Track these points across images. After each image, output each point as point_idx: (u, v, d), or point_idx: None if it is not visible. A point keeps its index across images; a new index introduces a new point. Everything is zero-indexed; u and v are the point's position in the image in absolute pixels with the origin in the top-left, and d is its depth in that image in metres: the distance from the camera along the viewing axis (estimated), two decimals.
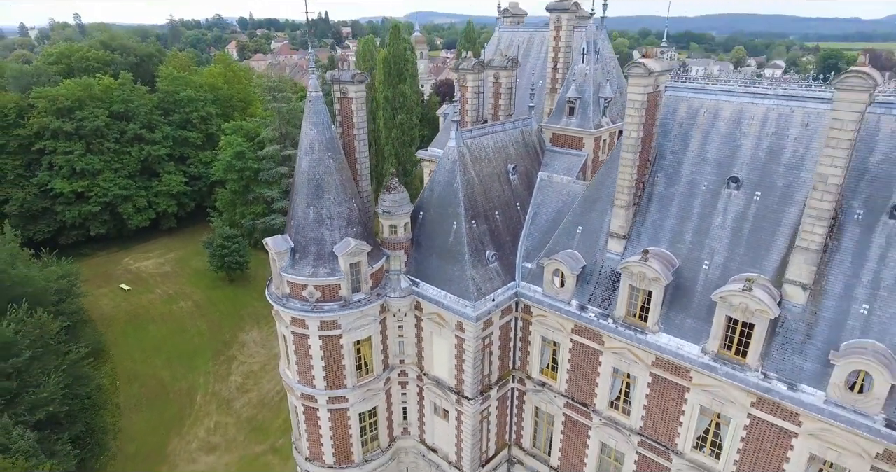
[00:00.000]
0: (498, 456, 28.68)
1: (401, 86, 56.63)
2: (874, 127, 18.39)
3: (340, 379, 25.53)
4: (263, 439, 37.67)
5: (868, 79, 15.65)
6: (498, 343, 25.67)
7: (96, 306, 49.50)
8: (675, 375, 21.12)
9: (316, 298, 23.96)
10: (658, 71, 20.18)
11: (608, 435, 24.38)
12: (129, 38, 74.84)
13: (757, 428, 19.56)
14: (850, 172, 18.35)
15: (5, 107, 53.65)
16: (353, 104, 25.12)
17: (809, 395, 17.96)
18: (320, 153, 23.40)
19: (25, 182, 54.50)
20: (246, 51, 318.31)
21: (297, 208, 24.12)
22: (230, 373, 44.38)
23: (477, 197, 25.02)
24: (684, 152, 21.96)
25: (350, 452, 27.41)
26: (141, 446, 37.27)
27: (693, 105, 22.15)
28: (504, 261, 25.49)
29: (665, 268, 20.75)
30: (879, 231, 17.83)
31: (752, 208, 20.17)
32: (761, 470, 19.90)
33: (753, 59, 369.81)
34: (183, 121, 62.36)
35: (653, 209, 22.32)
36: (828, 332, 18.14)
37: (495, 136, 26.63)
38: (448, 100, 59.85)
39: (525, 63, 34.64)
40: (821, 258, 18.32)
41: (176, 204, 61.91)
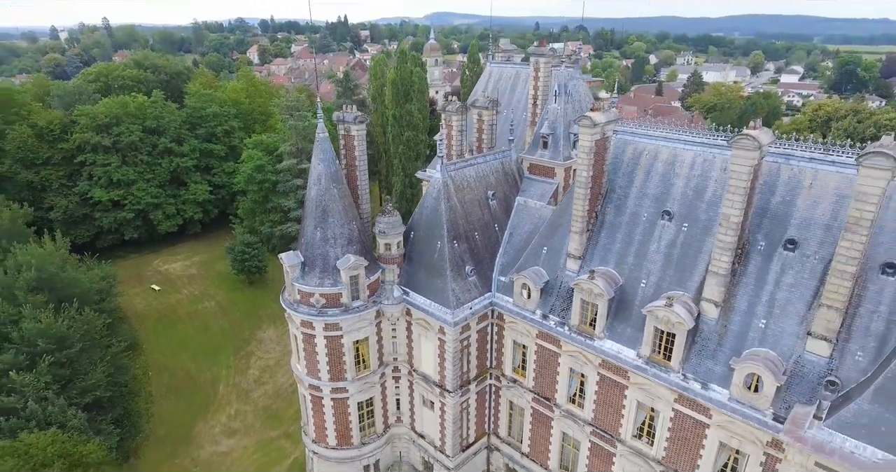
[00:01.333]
0: (477, 443, 32.96)
1: (407, 105, 61.13)
2: (776, 173, 22.31)
3: (342, 373, 30.08)
4: (277, 425, 42.42)
5: (755, 141, 19.63)
6: (475, 345, 29.96)
7: (131, 305, 54.95)
8: (617, 374, 25.22)
9: (321, 304, 28.54)
10: (603, 122, 24.26)
11: (567, 425, 28.54)
12: (159, 57, 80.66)
13: (679, 420, 23.58)
14: (755, 211, 22.34)
15: (51, 123, 59.43)
16: (355, 140, 29.66)
17: (717, 393, 21.94)
18: (326, 184, 27.97)
19: (68, 191, 60.18)
20: (267, 55, 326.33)
21: (306, 229, 28.74)
22: (249, 367, 49.27)
23: (459, 220, 29.33)
24: (630, 188, 26.02)
25: (350, 435, 31.96)
26: (170, 429, 42.27)
27: (638, 148, 26.20)
28: (482, 275, 29.78)
29: (609, 285, 24.87)
30: (776, 260, 21.75)
31: (681, 237, 24.18)
32: (684, 456, 23.91)
33: (772, 64, 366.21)
34: (208, 134, 67.62)
35: (603, 235, 26.42)
36: (734, 341, 22.10)
37: (477, 167, 30.92)
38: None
39: (512, 96, 38.77)
40: (730, 281, 22.29)
41: (201, 211, 67.17)
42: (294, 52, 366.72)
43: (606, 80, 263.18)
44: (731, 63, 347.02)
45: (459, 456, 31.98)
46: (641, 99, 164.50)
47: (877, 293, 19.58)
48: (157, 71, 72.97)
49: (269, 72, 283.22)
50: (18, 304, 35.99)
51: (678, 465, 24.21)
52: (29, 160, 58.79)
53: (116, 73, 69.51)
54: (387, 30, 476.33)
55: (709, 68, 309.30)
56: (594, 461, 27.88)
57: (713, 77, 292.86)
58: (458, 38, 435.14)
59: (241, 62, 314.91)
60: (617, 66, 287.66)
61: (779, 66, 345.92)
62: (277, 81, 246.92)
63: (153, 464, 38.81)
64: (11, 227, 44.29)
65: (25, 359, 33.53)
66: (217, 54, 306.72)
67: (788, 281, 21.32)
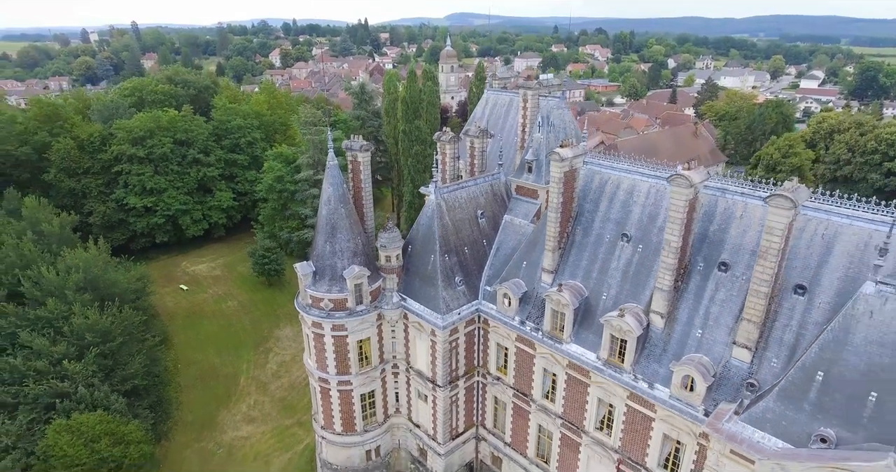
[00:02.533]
0: (466, 433, 37.06)
1: (416, 121, 65.49)
2: (713, 205, 26.02)
3: (347, 368, 34.43)
4: (292, 414, 47.00)
5: (687, 180, 23.40)
6: (463, 346, 34.06)
7: (162, 303, 60.21)
8: (581, 374, 29.12)
9: (329, 308, 32.93)
10: (571, 156, 28.15)
11: (542, 418, 32.49)
12: (188, 73, 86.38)
13: (631, 414, 27.39)
14: (698, 236, 26.09)
15: (92, 136, 65.12)
16: (361, 166, 33.97)
17: (661, 391, 25.72)
18: (335, 204, 32.35)
19: (106, 198, 65.79)
20: (289, 58, 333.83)
21: (318, 243, 33.18)
22: (267, 362, 54.04)
23: (450, 237, 33.46)
24: (596, 212, 29.90)
25: (353, 423, 36.30)
26: (197, 416, 47.14)
27: (604, 178, 30.06)
28: (470, 284, 33.87)
29: (574, 297, 28.79)
30: (711, 279, 25.48)
31: (636, 257, 27.99)
32: (636, 445, 27.72)
33: (794, 68, 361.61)
34: (233, 145, 72.80)
35: (573, 253, 30.33)
36: (675, 348, 25.87)
37: (468, 189, 35.03)
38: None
39: (506, 121, 42.72)
40: (673, 296, 26.08)
41: (225, 216, 72.39)
42: (315, 55, 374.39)
43: (623, 84, 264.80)
44: (751, 67, 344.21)
45: (449, 444, 36.12)
46: (653, 107, 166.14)
47: (789, 310, 23.21)
48: (186, 86, 78.62)
49: (291, 75, 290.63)
50: (68, 302, 41.15)
51: (632, 453, 28.04)
52: (71, 170, 64.56)
53: (150, 88, 75.25)
54: (406, 33, 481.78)
55: (727, 73, 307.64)
56: (564, 450, 31.81)
57: (731, 82, 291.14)
58: (477, 41, 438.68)
59: (263, 65, 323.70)
60: (634, 71, 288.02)
61: (800, 71, 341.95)
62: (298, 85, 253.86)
63: (181, 446, 43.72)
64: (61, 233, 49.72)
65: (75, 350, 38.62)
66: (241, 58, 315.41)
67: (721, 298, 25.04)
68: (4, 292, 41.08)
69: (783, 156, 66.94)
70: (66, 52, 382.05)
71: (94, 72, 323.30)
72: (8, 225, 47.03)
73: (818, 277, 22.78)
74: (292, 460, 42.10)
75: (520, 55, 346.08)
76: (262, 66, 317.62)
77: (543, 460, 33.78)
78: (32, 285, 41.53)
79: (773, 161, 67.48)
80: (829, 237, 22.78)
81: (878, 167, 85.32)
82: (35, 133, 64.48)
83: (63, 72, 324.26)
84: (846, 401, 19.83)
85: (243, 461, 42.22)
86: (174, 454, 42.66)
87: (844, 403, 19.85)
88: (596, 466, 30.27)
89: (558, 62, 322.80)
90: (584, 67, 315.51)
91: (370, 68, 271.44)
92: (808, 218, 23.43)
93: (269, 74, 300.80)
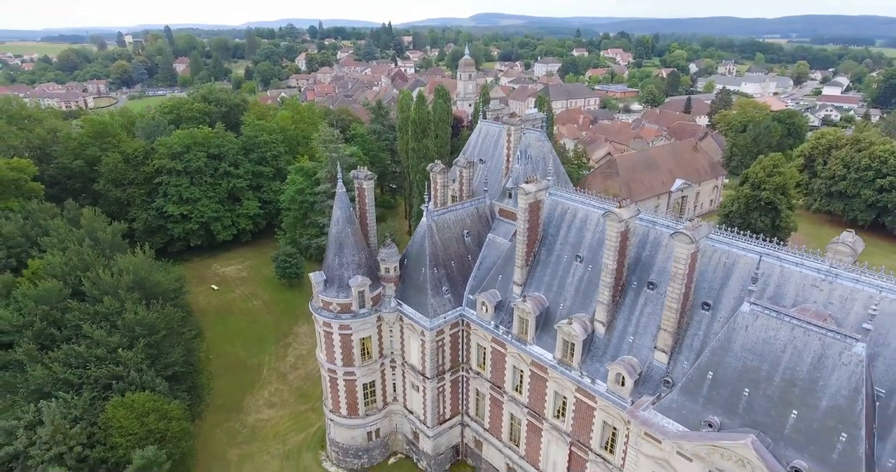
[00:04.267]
0: (453, 419, 43.27)
1: (424, 140, 71.86)
2: (646, 234, 31.72)
3: (351, 360, 40.97)
4: (307, 401, 53.68)
5: (618, 216, 29.17)
6: (449, 345, 40.27)
7: (195, 301, 67.65)
8: (542, 371, 35.07)
9: (337, 310, 39.51)
10: (534, 190, 34.08)
11: (512, 408, 38.52)
12: (221, 92, 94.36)
13: (579, 405, 33.25)
14: (633, 259, 31.84)
15: (136, 151, 73.17)
16: (366, 192, 40.40)
17: (600, 386, 31.53)
18: (343, 225, 38.89)
19: (147, 206, 73.74)
20: (314, 63, 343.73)
21: (328, 256, 39.77)
22: (287, 355, 60.91)
23: (439, 253, 39.68)
24: (557, 236, 35.80)
25: (357, 408, 42.84)
26: (225, 400, 54.19)
27: (564, 207, 35.94)
28: (455, 293, 40.05)
29: (536, 307, 34.77)
30: (642, 296, 31.20)
31: (586, 275, 33.82)
32: (583, 430, 33.55)
33: (819, 73, 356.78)
34: (259, 158, 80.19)
35: (538, 269, 36.28)
36: (613, 351, 31.67)
37: (456, 212, 41.20)
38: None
39: (496, 150, 48.59)
40: (612, 308, 31.87)
41: (252, 223, 79.82)
42: (339, 58, 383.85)
43: (642, 90, 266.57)
44: (775, 72, 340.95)
45: (437, 428, 42.37)
46: (666, 116, 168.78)
47: (698, 322, 28.86)
48: (219, 103, 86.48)
49: (315, 80, 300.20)
50: (121, 300, 48.54)
51: (580, 437, 33.92)
52: (118, 181, 72.63)
53: (187, 106, 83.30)
54: (429, 36, 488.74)
55: (749, 78, 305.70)
56: (530, 435, 37.81)
57: (752, 88, 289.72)
58: (499, 44, 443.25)
59: (290, 70, 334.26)
60: (653, 77, 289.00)
61: (825, 76, 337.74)
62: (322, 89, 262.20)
63: (212, 425, 50.84)
64: (113, 239, 57.42)
65: (127, 341, 45.94)
66: (268, 62, 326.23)
67: (648, 311, 30.76)
68: (69, 291, 48.68)
69: (768, 175, 71.10)
70: (102, 56, 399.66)
71: (130, 75, 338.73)
72: (70, 233, 54.86)
73: (720, 296, 28.38)
74: (306, 439, 48.83)
75: (540, 60, 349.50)
76: (289, 71, 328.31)
77: (515, 443, 39.81)
78: (92, 285, 49.08)
79: (758, 179, 71.71)
80: (729, 265, 28.37)
81: (871, 183, 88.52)
82: (87, 148, 72.82)
83: (100, 75, 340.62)
84: (728, 395, 25.45)
85: (264, 439, 49.10)
86: (206, 432, 49.75)
87: (726, 397, 25.48)
88: (554, 448, 36.22)
89: (578, 67, 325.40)
90: (603, 72, 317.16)
91: (392, 74, 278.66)
92: (716, 248, 29.04)
93: (295, 79, 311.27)
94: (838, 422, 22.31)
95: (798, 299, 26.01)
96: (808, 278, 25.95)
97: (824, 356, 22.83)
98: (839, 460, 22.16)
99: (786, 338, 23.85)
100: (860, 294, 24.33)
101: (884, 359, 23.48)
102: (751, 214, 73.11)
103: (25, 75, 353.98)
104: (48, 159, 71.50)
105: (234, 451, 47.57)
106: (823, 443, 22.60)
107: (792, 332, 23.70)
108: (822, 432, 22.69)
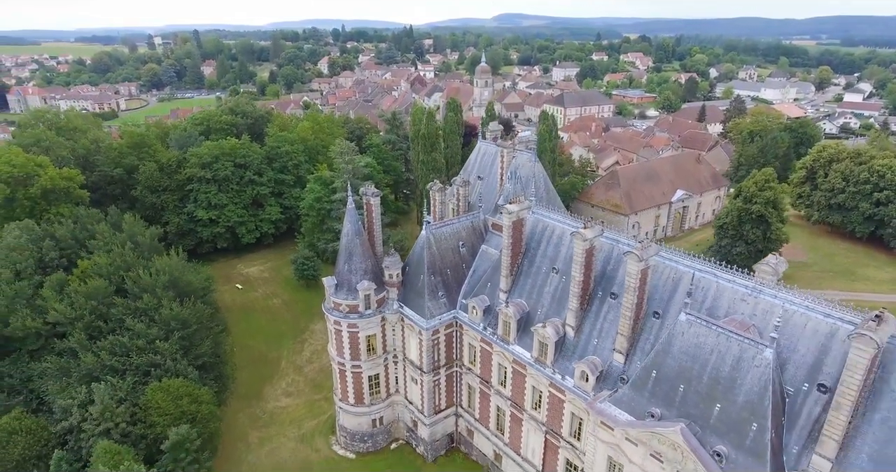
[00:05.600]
0: (447, 410, 48.46)
1: (433, 153, 77.29)
2: (611, 250, 36.50)
3: (358, 355, 46.45)
4: (320, 392, 59.38)
5: (583, 235, 34.03)
6: (444, 343, 45.47)
7: (222, 299, 73.99)
8: (521, 368, 40.07)
9: (346, 311, 45.03)
10: (517, 210, 39.08)
11: (498, 400, 43.59)
12: (247, 104, 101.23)
13: (552, 398, 38.18)
14: (600, 273, 36.66)
15: (170, 160, 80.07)
16: (373, 207, 45.83)
17: (569, 382, 36.44)
18: (352, 236, 44.40)
19: (179, 211, 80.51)
20: (336, 66, 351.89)
21: (339, 263, 45.33)
22: (303, 350, 66.78)
23: (436, 262, 44.92)
24: (537, 250, 40.76)
25: (363, 398, 48.33)
26: (247, 389, 60.23)
27: (544, 224, 40.87)
28: (450, 298, 45.25)
29: (517, 311, 39.79)
30: (606, 305, 36.01)
31: (561, 285, 38.71)
32: (555, 420, 38.47)
33: (843, 78, 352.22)
34: (281, 167, 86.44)
35: (521, 279, 41.28)
36: (581, 351, 36.54)
37: (452, 226, 46.39)
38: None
39: (492, 168, 53.51)
40: (580, 315, 36.72)
41: (274, 227, 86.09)
42: (361, 62, 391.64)
43: (659, 96, 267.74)
44: (797, 78, 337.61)
45: (433, 417, 47.61)
46: (678, 124, 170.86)
47: (650, 328, 33.58)
48: (245, 116, 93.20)
49: (337, 84, 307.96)
50: (158, 297, 54.86)
51: (553, 426, 38.84)
52: (153, 187, 79.44)
53: (216, 119, 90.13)
54: (450, 39, 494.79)
55: (769, 84, 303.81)
56: (512, 424, 42.83)
57: (772, 94, 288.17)
58: (518, 48, 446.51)
59: (312, 73, 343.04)
60: (671, 83, 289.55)
61: (849, 82, 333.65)
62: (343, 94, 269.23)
63: (235, 411, 56.89)
64: (150, 242, 64.05)
65: (163, 333, 52.19)
66: (291, 66, 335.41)
67: (610, 318, 35.55)
68: (114, 289, 55.14)
69: (759, 189, 74.54)
70: (134, 59, 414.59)
71: (159, 78, 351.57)
72: (113, 236, 61.49)
73: (668, 307, 33.07)
74: (318, 425, 54.55)
75: (558, 65, 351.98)
76: (312, 75, 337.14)
77: (500, 431, 44.87)
78: (133, 283, 55.51)
79: (749, 193, 75.24)
80: (676, 279, 33.06)
81: (868, 197, 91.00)
82: (126, 157, 79.86)
83: (132, 77, 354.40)
84: (667, 390, 30.20)
85: (281, 424, 54.95)
86: (230, 416, 55.79)
87: (666, 391, 30.23)
88: (533, 436, 41.20)
89: (596, 72, 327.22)
90: (621, 77, 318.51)
91: (411, 78, 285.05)
92: (666, 265, 33.73)
93: (318, 82, 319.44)
94: (751, 414, 26.95)
95: (729, 310, 30.62)
96: (738, 293, 30.54)
97: (741, 359, 27.47)
98: (750, 446, 26.82)
99: (713, 343, 28.54)
100: (777, 308, 28.85)
101: (793, 363, 27.98)
102: (743, 226, 76.70)
103: (61, 77, 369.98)
104: (91, 167, 78.64)
105: (255, 434, 53.51)
106: (740, 432, 27.26)
107: (717, 338, 28.38)
108: (738, 422, 27.35)
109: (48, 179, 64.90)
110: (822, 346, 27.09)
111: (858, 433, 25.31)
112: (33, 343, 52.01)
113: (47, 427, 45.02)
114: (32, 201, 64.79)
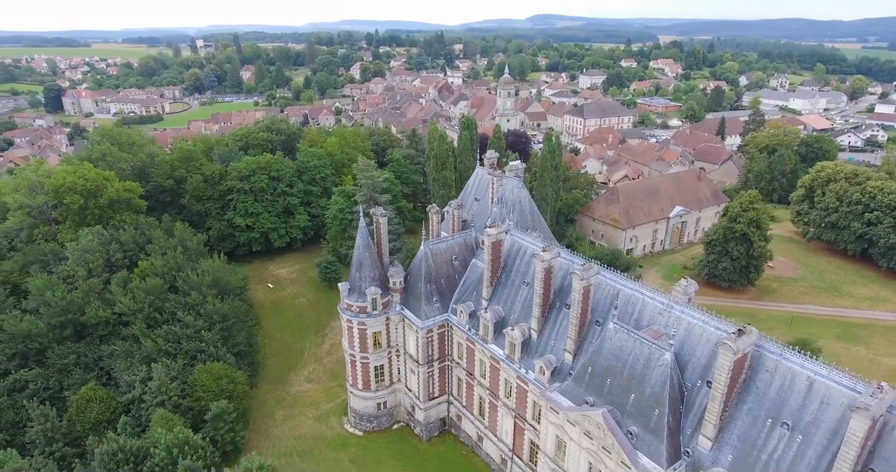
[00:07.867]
0: (440, 397, 57.17)
1: (444, 172, 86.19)
2: (568, 268, 44.57)
3: (366, 348, 55.64)
4: (336, 380, 68.84)
5: (542, 256, 42.27)
6: (437, 341, 54.22)
7: (255, 297, 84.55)
8: (496, 363, 48.52)
9: (356, 311, 54.26)
10: (495, 233, 47.55)
11: (480, 390, 52.13)
12: (281, 122, 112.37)
13: (518, 388, 46.53)
14: (556, 287, 44.82)
15: (213, 173, 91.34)
16: (381, 226, 54.88)
17: (531, 374, 44.71)
18: (363, 249, 53.62)
19: (220, 218, 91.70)
20: (367, 72, 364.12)
21: (352, 271, 54.61)
22: (323, 343, 76.52)
23: (432, 273, 53.71)
24: (513, 266, 49.14)
25: (370, 384, 57.47)
26: (275, 375, 70.26)
27: (519, 244, 49.21)
28: (443, 303, 53.96)
29: (494, 317, 48.26)
30: (562, 313, 44.10)
31: (529, 295, 46.94)
32: (521, 407, 46.79)
33: (881, 86, 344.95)
34: (310, 179, 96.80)
35: (499, 289, 49.73)
36: (541, 350, 44.78)
37: (447, 242, 55.10)
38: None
39: (487, 192, 61.90)
40: (542, 321, 44.97)
41: (302, 233, 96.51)
42: (392, 67, 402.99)
43: (684, 105, 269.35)
44: (830, 87, 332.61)
45: (428, 403, 56.41)
46: (695, 137, 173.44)
47: (593, 334, 41.57)
48: (279, 133, 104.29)
49: (368, 90, 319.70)
50: (203, 294, 65.34)
51: (519, 411, 47.18)
52: (199, 197, 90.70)
53: (253, 135, 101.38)
54: (479, 44, 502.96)
55: (799, 94, 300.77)
56: (490, 410, 51.32)
57: (801, 104, 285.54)
58: (547, 54, 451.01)
59: (345, 79, 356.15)
60: (696, 92, 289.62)
61: (885, 90, 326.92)
62: (373, 100, 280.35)
63: (264, 393, 66.87)
64: (197, 247, 74.94)
65: (207, 325, 62.57)
66: (325, 72, 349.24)
67: (564, 324, 43.65)
68: (167, 286, 65.97)
69: (743, 209, 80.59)
70: (178, 63, 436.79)
71: (201, 82, 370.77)
72: (167, 241, 72.56)
73: (606, 317, 40.99)
74: (333, 407, 64.06)
75: (585, 72, 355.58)
76: (344, 80, 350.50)
77: (482, 416, 53.40)
78: (183, 282, 66.21)
79: (734, 213, 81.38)
80: (612, 295, 41.02)
81: (860, 217, 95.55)
82: (176, 170, 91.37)
83: (175, 81, 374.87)
84: (599, 383, 38.24)
85: (302, 405, 64.68)
86: (259, 398, 65.80)
87: (598, 384, 38.27)
88: (505, 420, 49.59)
89: (623, 79, 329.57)
90: (648, 85, 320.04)
91: (439, 85, 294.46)
92: (607, 282, 41.71)
93: (350, 88, 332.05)
94: (655, 403, 34.87)
95: (651, 321, 38.47)
96: (657, 308, 38.36)
97: (650, 360, 35.41)
98: (653, 427, 34.75)
99: (631, 347, 36.53)
100: (683, 321, 36.62)
101: (692, 364, 35.71)
102: (728, 244, 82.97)
103: (111, 80, 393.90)
104: (147, 178, 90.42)
105: (280, 412, 63.37)
106: (647, 416, 35.20)
107: (634, 343, 36.35)
108: (646, 409, 35.30)
109: (114, 190, 76.46)
110: (712, 352, 34.71)
111: (731, 419, 33.01)
112: (103, 330, 63.06)
113: (115, 397, 55.70)
114: (101, 210, 76.42)
